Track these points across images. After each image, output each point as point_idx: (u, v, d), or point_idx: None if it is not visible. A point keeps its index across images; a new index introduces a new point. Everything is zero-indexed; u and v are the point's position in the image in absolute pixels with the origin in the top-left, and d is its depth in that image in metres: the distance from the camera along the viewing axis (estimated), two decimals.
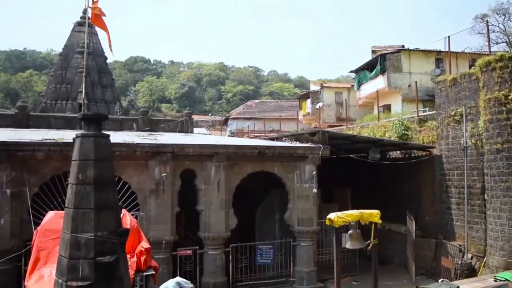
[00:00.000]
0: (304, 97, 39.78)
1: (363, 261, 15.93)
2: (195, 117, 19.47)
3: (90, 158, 5.83)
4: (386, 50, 28.13)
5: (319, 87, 35.76)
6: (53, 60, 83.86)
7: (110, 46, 17.65)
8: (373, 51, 30.57)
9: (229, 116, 50.40)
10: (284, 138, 17.31)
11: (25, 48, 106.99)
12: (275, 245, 15.47)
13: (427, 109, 21.72)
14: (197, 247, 14.02)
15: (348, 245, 9.75)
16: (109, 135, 6.20)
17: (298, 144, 15.65)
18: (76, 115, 17.66)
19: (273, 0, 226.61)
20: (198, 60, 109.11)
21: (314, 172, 14.87)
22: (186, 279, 13.62)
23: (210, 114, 77.61)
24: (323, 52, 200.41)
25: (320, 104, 34.06)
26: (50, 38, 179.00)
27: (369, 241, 9.46)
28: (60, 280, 5.72)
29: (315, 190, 14.97)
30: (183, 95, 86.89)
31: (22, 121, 16.49)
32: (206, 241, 13.94)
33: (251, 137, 30.56)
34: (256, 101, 57.20)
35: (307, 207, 14.93)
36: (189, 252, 13.84)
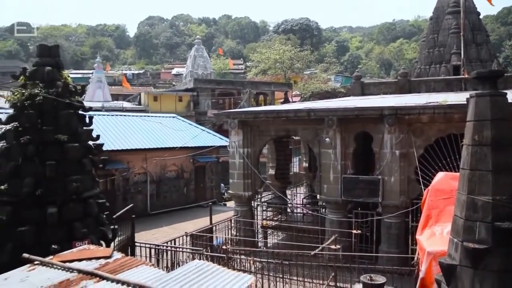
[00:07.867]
0: None
1: None
2: None
3: (486, 118, 5.57)
4: None
5: None
6: (421, 26, 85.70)
7: None
8: None
9: None
10: None
11: (394, 19, 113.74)
12: None
13: None
14: None
15: None
16: (506, 93, 5.76)
17: None
18: (453, 77, 17.60)
19: None
20: None
21: None
22: None
23: None
24: None
25: None
26: (418, 5, 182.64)
27: None
28: (455, 239, 5.77)
29: None
30: None
31: (404, 87, 17.49)
32: None
33: None
34: None
35: None
36: None
